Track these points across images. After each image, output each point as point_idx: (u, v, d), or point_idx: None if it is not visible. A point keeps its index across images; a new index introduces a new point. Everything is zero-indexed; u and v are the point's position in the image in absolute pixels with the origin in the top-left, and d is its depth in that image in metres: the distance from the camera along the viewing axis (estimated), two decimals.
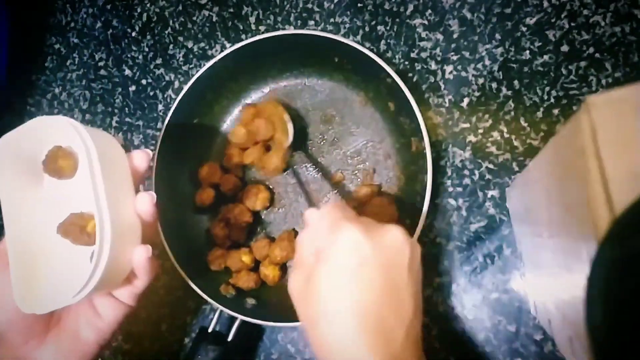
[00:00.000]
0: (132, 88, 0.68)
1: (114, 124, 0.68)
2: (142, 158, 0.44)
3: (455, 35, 0.57)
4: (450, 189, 0.55)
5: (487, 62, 0.55)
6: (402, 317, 0.36)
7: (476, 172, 0.54)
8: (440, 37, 0.57)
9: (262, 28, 0.64)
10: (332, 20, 0.61)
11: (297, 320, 0.51)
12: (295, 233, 0.58)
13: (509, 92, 0.54)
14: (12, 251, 0.41)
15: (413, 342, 0.36)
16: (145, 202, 0.43)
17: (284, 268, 0.57)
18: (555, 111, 0.53)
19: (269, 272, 0.55)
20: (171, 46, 0.67)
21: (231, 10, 0.65)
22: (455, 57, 0.57)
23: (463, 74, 0.56)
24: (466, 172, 0.54)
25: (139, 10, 0.69)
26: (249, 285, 0.55)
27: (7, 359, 0.43)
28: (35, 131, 0.42)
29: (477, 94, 0.55)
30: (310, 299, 0.37)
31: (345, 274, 0.36)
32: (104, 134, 0.42)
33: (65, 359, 0.43)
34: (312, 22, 0.62)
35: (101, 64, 0.70)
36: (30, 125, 0.41)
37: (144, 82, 0.67)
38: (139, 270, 0.43)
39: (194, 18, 0.67)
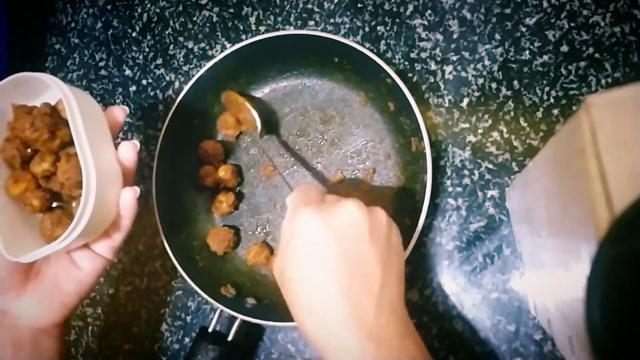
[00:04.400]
0: (133, 88, 0.68)
1: None
2: (120, 111, 0.47)
3: (455, 36, 0.57)
4: (450, 189, 0.55)
5: (487, 63, 0.55)
6: (368, 288, 0.36)
7: (476, 172, 0.54)
8: (440, 37, 0.57)
9: (262, 28, 0.64)
10: (332, 20, 0.61)
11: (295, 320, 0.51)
12: None
13: (509, 92, 0.54)
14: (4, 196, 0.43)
15: (388, 310, 0.36)
16: (129, 150, 0.45)
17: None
18: (555, 111, 0.53)
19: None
20: (171, 46, 0.67)
21: (231, 10, 0.65)
22: (455, 58, 0.57)
23: (463, 74, 0.56)
24: (466, 172, 0.54)
25: (139, 10, 0.69)
26: (258, 261, 0.57)
27: None
28: (7, 90, 0.44)
29: (476, 94, 0.55)
30: (284, 287, 0.39)
31: (306, 262, 0.37)
32: (78, 90, 0.43)
33: (45, 308, 0.44)
34: (312, 23, 0.62)
35: (102, 64, 0.70)
36: (3, 84, 0.43)
37: (144, 82, 0.67)
38: (125, 212, 0.44)
39: (194, 18, 0.67)
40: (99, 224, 0.43)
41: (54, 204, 0.47)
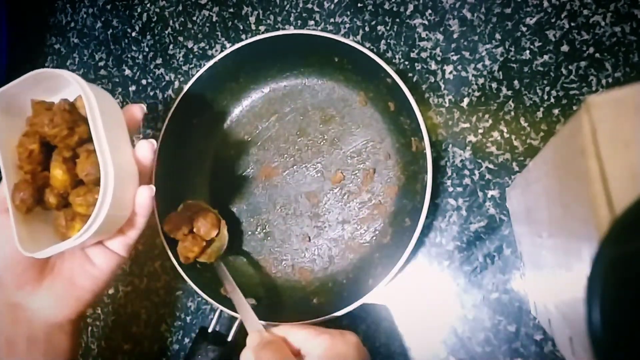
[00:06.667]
0: (132, 88, 0.68)
1: None
2: (137, 110, 0.48)
3: (455, 35, 0.57)
4: (450, 189, 0.55)
5: (487, 62, 0.55)
6: None
7: (476, 172, 0.54)
8: (440, 37, 0.57)
9: (262, 28, 0.64)
10: (332, 20, 0.61)
11: (296, 321, 0.51)
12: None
13: (509, 92, 0.54)
14: (10, 194, 0.43)
15: None
16: (146, 148, 0.46)
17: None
18: (556, 111, 0.53)
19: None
20: (171, 46, 0.67)
21: (231, 10, 0.65)
22: (455, 57, 0.57)
23: (463, 74, 0.56)
24: (466, 172, 0.54)
25: (139, 10, 0.69)
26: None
27: (1, 304, 0.45)
28: (27, 85, 0.44)
29: (477, 93, 0.55)
30: None
31: None
32: (97, 87, 0.44)
33: (60, 304, 0.45)
34: (312, 22, 0.62)
35: (101, 64, 0.70)
36: (25, 79, 0.44)
37: (144, 82, 0.67)
38: (141, 210, 0.45)
39: (194, 18, 0.67)
40: (115, 222, 0.44)
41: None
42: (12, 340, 0.44)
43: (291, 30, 0.60)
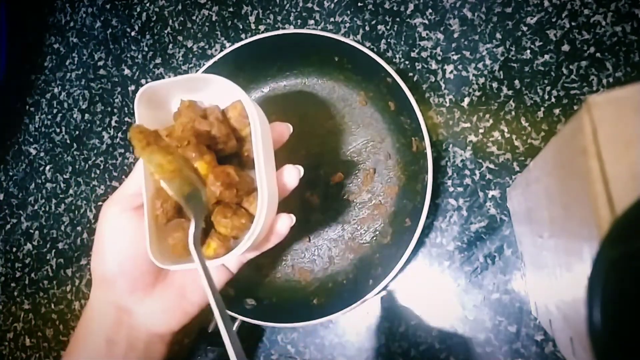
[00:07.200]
0: (132, 88, 0.68)
1: (113, 123, 0.68)
2: (285, 130, 0.45)
3: (455, 35, 0.57)
4: (451, 189, 0.54)
5: (488, 62, 0.55)
6: None
7: (477, 172, 0.54)
8: (440, 36, 0.57)
9: (261, 27, 0.64)
10: (332, 19, 0.61)
11: (296, 321, 0.51)
12: None
13: (510, 92, 0.54)
14: (148, 200, 0.40)
15: None
16: (294, 175, 0.43)
17: None
18: (556, 111, 0.53)
19: None
20: (171, 46, 0.67)
21: (231, 9, 0.65)
22: (455, 57, 0.56)
23: (464, 73, 0.56)
24: (467, 172, 0.54)
25: (138, 9, 0.69)
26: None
27: (110, 304, 0.43)
28: (180, 85, 0.41)
29: (477, 93, 0.55)
30: None
31: None
32: (257, 105, 0.41)
33: (168, 316, 0.44)
34: (312, 22, 0.62)
35: (100, 63, 0.70)
36: (179, 79, 0.41)
37: (143, 81, 0.67)
38: (275, 238, 0.42)
39: (194, 17, 0.67)
40: (257, 242, 0.41)
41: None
42: (112, 341, 0.43)
43: (291, 30, 0.60)
